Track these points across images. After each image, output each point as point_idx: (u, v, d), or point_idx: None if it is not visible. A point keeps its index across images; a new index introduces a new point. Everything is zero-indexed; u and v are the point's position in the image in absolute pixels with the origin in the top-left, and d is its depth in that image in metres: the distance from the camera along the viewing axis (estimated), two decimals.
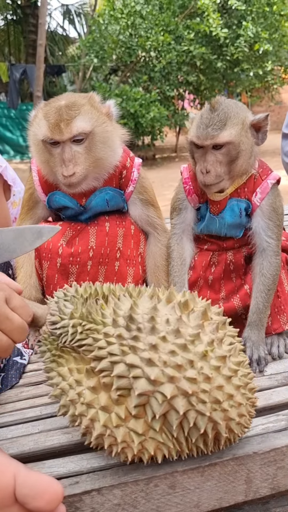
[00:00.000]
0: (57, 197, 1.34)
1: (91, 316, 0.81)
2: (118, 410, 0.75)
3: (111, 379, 0.75)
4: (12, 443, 0.93)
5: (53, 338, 0.86)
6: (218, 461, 0.85)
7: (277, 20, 8.72)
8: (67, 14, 15.09)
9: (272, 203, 1.20)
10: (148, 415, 0.74)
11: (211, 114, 1.11)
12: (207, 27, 8.26)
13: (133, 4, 8.72)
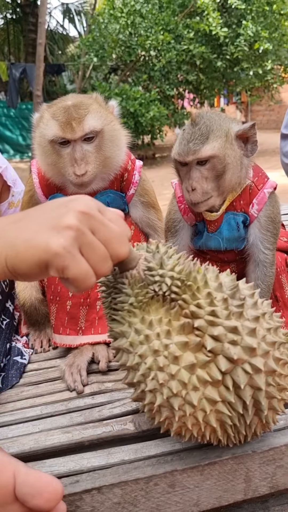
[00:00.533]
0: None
1: (192, 275, 0.78)
2: (200, 372, 0.73)
3: (204, 339, 0.74)
4: (13, 442, 0.93)
5: (143, 284, 0.78)
6: (217, 460, 0.85)
7: (277, 19, 8.71)
8: (67, 13, 15.08)
9: (270, 214, 1.16)
10: (228, 384, 0.74)
11: (192, 129, 1.07)
12: (207, 26, 8.25)
13: (133, 3, 8.72)
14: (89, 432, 0.95)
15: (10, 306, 1.27)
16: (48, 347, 1.32)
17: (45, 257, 0.60)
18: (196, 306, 0.75)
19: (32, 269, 0.61)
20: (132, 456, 0.88)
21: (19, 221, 0.66)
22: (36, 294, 1.34)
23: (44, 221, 0.64)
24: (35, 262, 0.60)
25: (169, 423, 0.78)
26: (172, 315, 0.76)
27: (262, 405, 0.75)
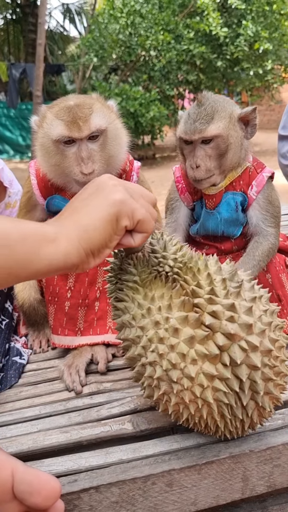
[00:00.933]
0: (56, 201, 1.34)
1: (193, 259, 0.83)
2: (199, 346, 0.76)
3: (203, 316, 0.77)
4: (11, 442, 0.94)
5: (147, 264, 0.85)
6: (215, 459, 0.86)
7: (277, 19, 8.70)
8: (67, 13, 15.09)
9: (268, 196, 1.20)
10: (225, 361, 0.76)
11: (198, 109, 1.12)
12: (207, 26, 8.25)
13: (133, 3, 8.72)
14: (87, 431, 0.95)
15: (9, 306, 1.27)
16: (47, 348, 1.33)
17: (114, 209, 0.68)
18: (196, 285, 0.79)
19: (106, 230, 0.68)
20: (130, 456, 0.88)
21: (73, 213, 0.71)
22: (34, 295, 1.34)
23: (94, 202, 0.71)
24: (106, 220, 0.68)
25: (167, 400, 0.80)
26: (173, 293, 0.81)
27: (258, 385, 0.76)
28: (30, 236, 0.61)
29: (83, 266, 0.68)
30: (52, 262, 0.63)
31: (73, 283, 1.29)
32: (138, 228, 0.73)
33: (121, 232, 0.70)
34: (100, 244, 0.68)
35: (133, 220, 0.70)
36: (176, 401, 0.79)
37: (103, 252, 0.70)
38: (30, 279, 0.66)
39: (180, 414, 0.82)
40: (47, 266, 0.63)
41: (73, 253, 0.65)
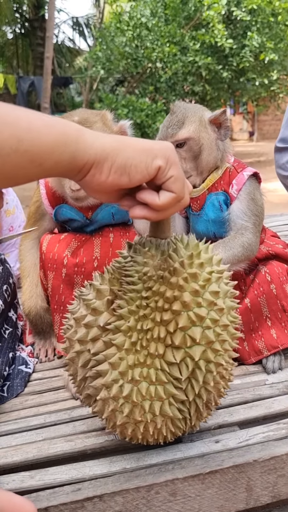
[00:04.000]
0: (63, 210, 1.36)
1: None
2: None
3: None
4: (16, 451, 0.94)
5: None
6: (219, 469, 0.86)
7: (282, 30, 8.76)
8: (76, 26, 15.30)
9: (249, 193, 1.21)
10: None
11: (171, 117, 1.21)
12: (213, 38, 8.32)
13: (139, 17, 8.82)
14: (91, 440, 0.96)
15: (13, 315, 1.28)
16: (52, 357, 1.34)
17: (155, 145, 0.62)
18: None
19: (138, 154, 0.61)
20: (134, 465, 0.89)
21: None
22: (41, 303, 1.35)
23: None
24: (144, 149, 0.61)
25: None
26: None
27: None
28: (57, 125, 0.57)
29: (95, 172, 0.60)
30: (77, 153, 0.57)
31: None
32: (168, 184, 0.63)
33: (152, 171, 0.62)
34: (126, 162, 0.60)
35: (168, 166, 0.62)
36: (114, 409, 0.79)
37: (122, 175, 0.60)
38: (57, 174, 0.59)
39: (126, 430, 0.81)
40: (71, 157, 0.57)
41: (95, 148, 0.58)
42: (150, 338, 0.75)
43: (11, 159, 0.52)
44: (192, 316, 0.74)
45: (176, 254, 0.75)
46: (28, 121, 0.54)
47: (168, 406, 0.78)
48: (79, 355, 0.80)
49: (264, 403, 1.05)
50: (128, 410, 0.76)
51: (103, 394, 0.77)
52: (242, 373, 1.18)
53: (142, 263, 0.75)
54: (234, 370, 1.19)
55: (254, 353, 1.21)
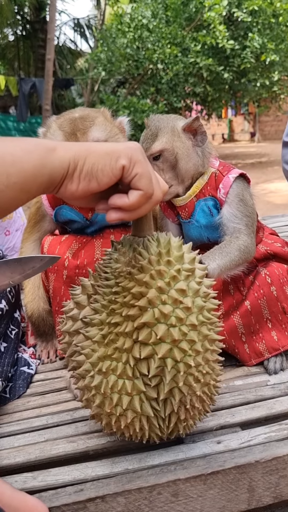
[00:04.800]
0: (63, 211, 1.36)
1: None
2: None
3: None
4: (19, 452, 0.95)
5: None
6: (220, 470, 0.86)
7: (283, 31, 8.76)
8: (77, 27, 15.32)
9: (238, 194, 1.20)
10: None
11: (145, 131, 1.22)
12: (214, 39, 8.32)
13: (140, 18, 8.84)
14: (93, 441, 0.96)
15: (18, 316, 1.29)
16: (55, 358, 1.34)
17: (117, 147, 0.64)
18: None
19: (103, 158, 0.63)
20: (136, 465, 0.89)
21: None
22: (43, 305, 1.36)
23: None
24: (107, 152, 0.63)
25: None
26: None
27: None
28: (34, 149, 0.59)
29: (67, 182, 0.62)
30: (53, 170, 0.60)
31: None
32: (134, 182, 0.64)
33: (117, 172, 0.63)
34: (91, 168, 0.62)
35: (131, 164, 0.64)
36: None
37: (91, 180, 0.62)
38: (39, 194, 0.62)
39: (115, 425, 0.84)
40: (49, 176, 0.60)
41: (65, 161, 0.61)
42: (118, 332, 0.77)
43: (5, 194, 0.56)
44: (156, 313, 0.74)
45: (146, 251, 0.77)
46: (11, 154, 0.56)
47: (137, 402, 0.79)
48: (68, 346, 0.87)
49: (266, 404, 1.05)
50: (99, 401, 0.80)
51: (80, 383, 0.83)
52: (244, 374, 1.18)
53: (115, 260, 0.79)
54: (236, 371, 1.20)
55: (255, 355, 1.21)
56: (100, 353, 0.78)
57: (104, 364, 0.78)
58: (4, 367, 1.12)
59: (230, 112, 19.42)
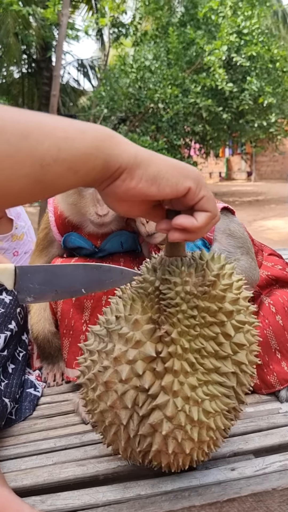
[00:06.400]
0: (72, 238, 1.37)
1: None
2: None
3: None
4: (26, 474, 0.91)
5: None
6: (236, 497, 0.83)
7: (280, 76, 9.12)
8: (81, 67, 15.85)
9: (224, 230, 1.20)
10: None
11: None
12: (213, 81, 8.63)
13: (143, 60, 9.18)
14: (103, 465, 0.93)
15: (26, 338, 1.27)
16: (61, 381, 1.31)
17: (186, 166, 0.63)
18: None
19: (170, 169, 0.61)
20: (149, 491, 0.86)
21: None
22: (49, 327, 1.34)
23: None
24: (175, 166, 0.62)
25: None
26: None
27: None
28: (88, 131, 0.56)
29: (126, 177, 0.59)
30: (110, 158, 0.57)
31: (89, 316, 1.29)
32: (202, 204, 0.64)
33: (182, 189, 0.62)
34: (157, 173, 0.60)
35: (198, 188, 0.63)
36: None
37: (152, 185, 0.60)
38: (90, 179, 0.58)
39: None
40: (104, 161, 0.57)
41: (128, 153, 0.58)
42: (203, 355, 0.75)
43: (52, 169, 0.53)
44: (235, 324, 0.76)
45: (208, 269, 0.76)
46: (63, 130, 0.54)
47: (223, 418, 0.78)
48: (123, 396, 0.74)
49: (279, 431, 1.02)
50: (196, 434, 0.74)
51: (166, 427, 0.72)
52: (255, 401, 1.16)
53: (182, 283, 0.73)
54: (247, 398, 1.17)
55: (266, 387, 1.19)
56: (192, 383, 0.73)
57: (198, 392, 0.73)
58: (12, 388, 1.09)
59: (227, 151, 19.89)
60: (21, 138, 0.50)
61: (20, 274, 0.78)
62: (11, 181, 0.51)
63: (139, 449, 0.77)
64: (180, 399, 0.72)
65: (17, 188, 0.52)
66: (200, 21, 9.30)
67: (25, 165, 0.51)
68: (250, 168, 19.78)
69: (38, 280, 0.78)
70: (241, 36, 8.63)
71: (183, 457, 0.77)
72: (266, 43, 8.66)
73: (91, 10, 12.88)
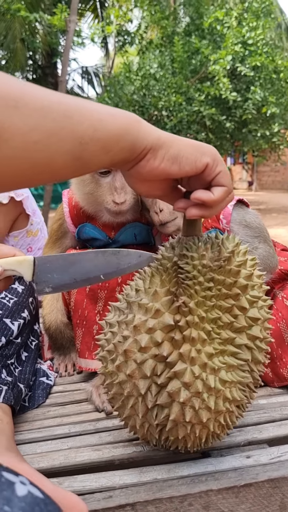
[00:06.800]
0: (87, 229, 1.38)
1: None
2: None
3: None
4: (42, 457, 0.91)
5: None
6: (253, 482, 0.83)
7: (284, 87, 9.19)
8: (85, 74, 15.98)
9: (240, 222, 1.22)
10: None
11: None
12: (217, 90, 8.70)
13: (148, 68, 9.26)
14: (119, 451, 0.93)
15: (38, 328, 1.28)
16: (72, 371, 1.32)
17: (202, 144, 0.68)
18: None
19: (188, 147, 0.66)
20: (165, 476, 0.86)
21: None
22: (61, 318, 1.35)
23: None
24: (192, 144, 0.66)
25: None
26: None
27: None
28: (117, 114, 0.60)
29: (150, 157, 0.64)
30: (137, 140, 0.62)
31: (102, 306, 1.30)
32: (219, 179, 0.68)
33: (200, 166, 0.66)
34: (178, 153, 0.64)
35: (215, 164, 0.67)
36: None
37: (174, 164, 0.64)
38: (119, 159, 0.62)
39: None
40: (132, 143, 0.61)
41: (152, 136, 0.63)
42: (219, 326, 0.76)
43: (88, 147, 0.57)
44: (249, 298, 0.77)
45: (223, 246, 0.79)
46: (98, 112, 0.59)
47: (239, 391, 0.79)
48: (142, 365, 0.75)
49: None
50: (213, 403, 0.75)
51: (183, 395, 0.73)
52: (267, 394, 1.16)
53: (199, 257, 0.76)
54: (259, 390, 1.18)
55: (279, 380, 1.19)
56: (209, 351, 0.74)
57: (214, 361, 0.75)
58: (26, 375, 1.10)
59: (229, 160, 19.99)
60: (64, 118, 0.54)
61: (39, 265, 0.79)
62: (55, 157, 0.55)
63: (156, 422, 0.77)
64: (197, 367, 0.73)
65: (59, 164, 0.56)
66: (205, 31, 9.40)
67: (67, 142, 0.55)
68: (251, 178, 19.87)
69: (56, 270, 0.79)
70: (245, 47, 8.71)
71: (200, 428, 0.78)
72: (270, 53, 8.75)
73: (97, 18, 13.02)
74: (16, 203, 1.51)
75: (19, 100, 0.51)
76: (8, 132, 0.50)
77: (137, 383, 0.76)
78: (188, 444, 0.82)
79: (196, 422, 0.76)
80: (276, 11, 9.77)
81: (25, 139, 0.51)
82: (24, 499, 0.44)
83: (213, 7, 9.46)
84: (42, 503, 0.48)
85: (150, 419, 0.79)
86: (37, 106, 0.52)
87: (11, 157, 0.51)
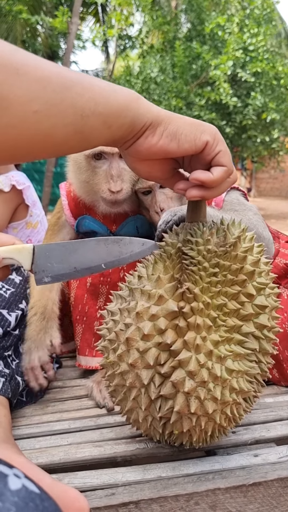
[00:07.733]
0: (86, 221, 1.34)
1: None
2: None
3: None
4: (41, 453, 0.87)
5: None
6: (262, 481, 0.79)
7: (284, 93, 9.22)
8: None
9: (231, 200, 1.18)
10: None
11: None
12: (218, 95, 8.71)
13: (148, 71, 9.27)
14: (121, 447, 0.89)
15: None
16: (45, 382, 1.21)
17: (202, 123, 0.66)
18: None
19: (188, 124, 0.64)
20: (170, 473, 0.82)
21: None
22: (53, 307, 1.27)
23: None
24: (192, 122, 0.65)
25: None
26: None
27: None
28: (119, 90, 0.60)
29: (148, 134, 0.63)
30: (137, 116, 0.61)
31: (104, 302, 1.26)
32: (218, 158, 0.66)
33: (200, 144, 0.64)
34: (176, 130, 0.63)
35: (215, 142, 0.65)
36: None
37: (172, 141, 0.63)
38: (119, 135, 0.61)
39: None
40: (132, 119, 0.60)
41: (151, 112, 0.62)
42: (225, 313, 0.73)
43: (89, 120, 0.56)
44: (256, 285, 0.74)
45: (229, 232, 0.76)
46: (99, 86, 0.58)
47: (246, 382, 0.75)
48: (145, 354, 0.72)
49: None
50: (219, 393, 0.71)
51: (188, 384, 0.69)
52: (274, 392, 1.13)
53: (204, 242, 0.73)
54: (265, 389, 1.14)
55: (285, 380, 1.15)
56: (215, 339, 0.71)
57: (220, 349, 0.71)
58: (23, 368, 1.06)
59: None
60: (65, 89, 0.53)
61: (38, 253, 0.75)
62: (55, 129, 0.53)
63: (160, 415, 0.73)
64: (202, 355, 0.70)
65: (60, 137, 0.55)
66: (206, 37, 9.43)
67: (68, 113, 0.54)
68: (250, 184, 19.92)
69: (56, 258, 0.76)
70: (246, 53, 8.74)
71: (206, 420, 0.74)
72: (271, 60, 8.77)
73: (98, 22, 13.05)
74: (17, 191, 1.47)
75: (20, 68, 0.50)
76: (7, 100, 0.49)
77: (140, 373, 0.72)
78: (193, 439, 0.78)
79: (202, 414, 0.73)
80: (276, 19, 9.79)
81: (24, 109, 0.50)
82: (18, 493, 0.40)
83: (214, 13, 9.49)
84: (37, 498, 0.44)
85: (153, 412, 0.75)
86: (38, 76, 0.51)
87: (10, 126, 0.50)
